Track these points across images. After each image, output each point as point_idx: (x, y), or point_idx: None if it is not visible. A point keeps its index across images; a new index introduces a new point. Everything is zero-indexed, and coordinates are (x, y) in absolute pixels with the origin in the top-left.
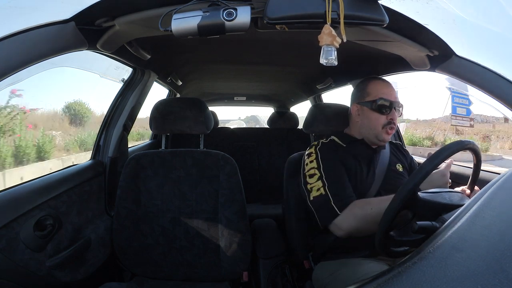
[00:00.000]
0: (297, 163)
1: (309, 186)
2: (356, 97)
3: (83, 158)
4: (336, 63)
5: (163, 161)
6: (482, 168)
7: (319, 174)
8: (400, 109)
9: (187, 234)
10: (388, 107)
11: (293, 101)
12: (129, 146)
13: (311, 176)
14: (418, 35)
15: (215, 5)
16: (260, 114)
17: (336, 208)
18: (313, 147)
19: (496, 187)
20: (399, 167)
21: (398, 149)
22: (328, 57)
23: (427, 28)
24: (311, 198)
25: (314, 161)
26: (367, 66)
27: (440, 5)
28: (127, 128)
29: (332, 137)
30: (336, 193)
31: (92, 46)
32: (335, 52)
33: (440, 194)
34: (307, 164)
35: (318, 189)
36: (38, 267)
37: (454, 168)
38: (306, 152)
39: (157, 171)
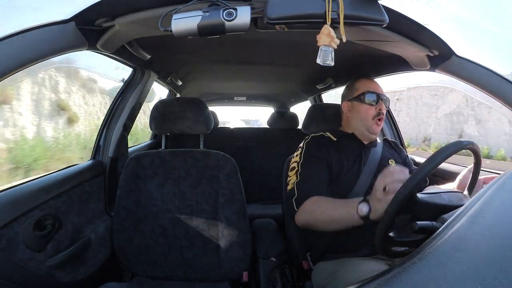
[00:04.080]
0: None
1: (288, 179)
2: (346, 96)
3: None
4: (332, 64)
5: (163, 161)
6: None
7: (296, 168)
8: (387, 102)
9: (187, 234)
10: (375, 98)
11: (293, 101)
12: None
13: (292, 169)
14: (418, 35)
15: (215, 5)
16: (254, 117)
17: (294, 204)
18: (304, 141)
19: (496, 187)
20: (392, 163)
21: (392, 146)
22: (325, 58)
23: (427, 28)
24: (287, 191)
25: (299, 155)
26: (367, 66)
27: (440, 5)
28: (127, 128)
29: (327, 132)
30: (301, 190)
31: (92, 46)
32: (333, 53)
33: (439, 195)
34: (293, 157)
35: (292, 183)
36: (38, 267)
37: (453, 168)
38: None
39: (157, 171)
